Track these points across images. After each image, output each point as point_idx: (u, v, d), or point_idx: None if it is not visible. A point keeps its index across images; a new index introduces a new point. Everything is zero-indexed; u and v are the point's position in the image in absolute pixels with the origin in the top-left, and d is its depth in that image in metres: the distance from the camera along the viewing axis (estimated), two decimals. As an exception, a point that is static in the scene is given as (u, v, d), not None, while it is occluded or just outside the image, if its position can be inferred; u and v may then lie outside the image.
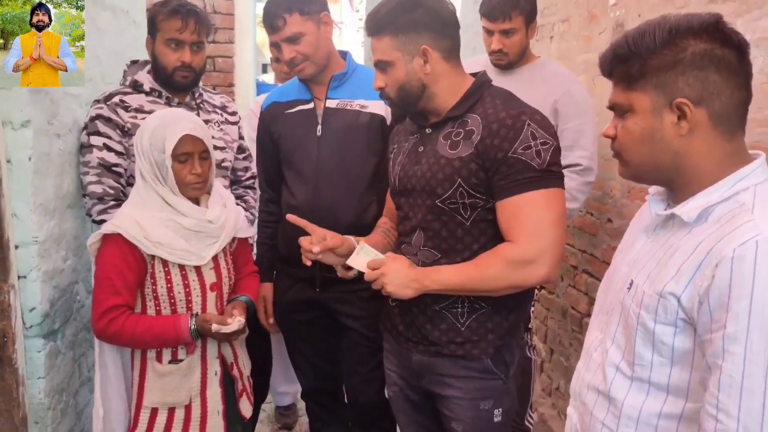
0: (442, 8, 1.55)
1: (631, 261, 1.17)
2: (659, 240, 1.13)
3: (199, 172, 1.74)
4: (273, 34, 1.93)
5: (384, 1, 1.56)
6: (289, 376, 3.07)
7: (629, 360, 1.11)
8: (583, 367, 1.25)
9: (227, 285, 1.87)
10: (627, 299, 1.12)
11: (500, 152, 1.46)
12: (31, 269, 1.82)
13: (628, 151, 1.13)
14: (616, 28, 2.58)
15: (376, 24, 1.55)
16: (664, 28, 1.04)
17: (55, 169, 1.94)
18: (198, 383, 1.81)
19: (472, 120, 1.54)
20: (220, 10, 4.28)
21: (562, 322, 3.14)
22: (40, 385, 1.86)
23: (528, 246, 1.46)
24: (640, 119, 1.08)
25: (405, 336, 1.69)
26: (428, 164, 1.58)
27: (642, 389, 1.10)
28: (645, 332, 1.07)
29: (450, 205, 1.55)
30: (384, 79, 1.58)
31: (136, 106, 2.07)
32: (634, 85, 1.08)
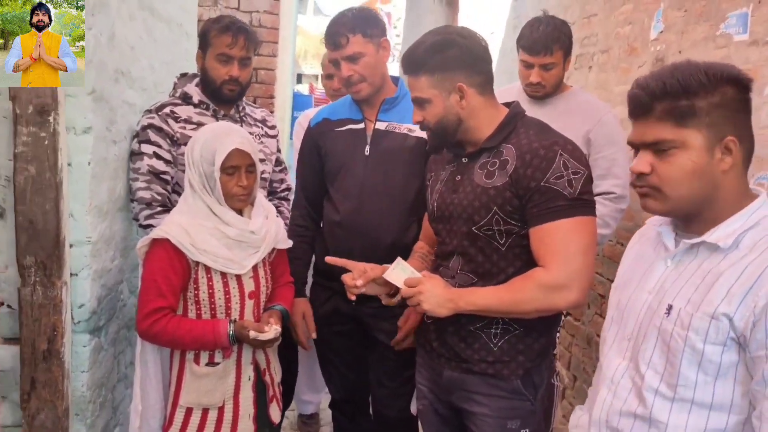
0: (475, 46, 1.63)
1: (654, 289, 1.22)
2: (687, 266, 1.18)
3: (245, 185, 1.82)
4: (334, 50, 2.01)
5: (419, 41, 1.64)
6: (313, 386, 3.13)
7: (670, 382, 1.16)
8: (610, 395, 1.28)
9: (264, 294, 1.95)
10: (667, 324, 1.17)
11: (533, 181, 1.52)
12: (83, 267, 1.92)
13: (674, 187, 1.16)
14: (655, 62, 2.61)
15: (413, 64, 1.63)
16: (707, 72, 1.12)
17: (109, 174, 2.05)
18: (232, 386, 1.88)
19: (506, 150, 1.60)
20: (266, 24, 4.41)
21: (586, 349, 3.15)
22: (83, 379, 1.96)
23: (559, 271, 1.52)
24: (694, 155, 1.13)
25: (438, 352, 1.75)
26: (465, 193, 1.64)
27: (684, 409, 1.15)
28: (692, 353, 1.13)
29: (486, 232, 1.61)
30: (422, 114, 1.66)
31: (185, 117, 2.17)
32: (686, 122, 1.13)
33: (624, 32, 2.93)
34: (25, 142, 1.76)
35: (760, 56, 1.96)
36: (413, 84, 1.64)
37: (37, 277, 1.82)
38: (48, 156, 1.78)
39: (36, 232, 1.80)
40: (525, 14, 4.43)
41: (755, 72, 1.98)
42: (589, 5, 3.36)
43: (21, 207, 1.79)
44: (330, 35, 2.01)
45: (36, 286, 1.82)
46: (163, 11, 2.62)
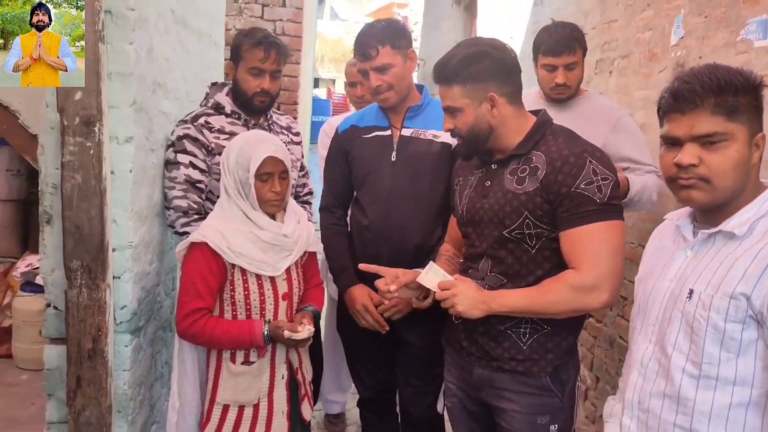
0: (506, 57, 1.70)
1: (675, 276, 1.32)
2: (706, 254, 1.29)
3: (279, 191, 1.90)
4: (364, 61, 2.09)
5: (452, 52, 1.71)
6: (339, 385, 3.21)
7: (695, 361, 1.25)
8: (640, 378, 1.37)
9: (297, 295, 2.03)
10: (689, 307, 1.26)
11: (564, 187, 1.60)
12: (125, 271, 2.01)
13: (723, 177, 1.23)
14: (676, 67, 2.65)
15: (446, 74, 1.69)
16: (742, 74, 1.24)
17: (148, 181, 2.14)
18: (266, 385, 1.96)
19: (536, 157, 1.67)
20: (289, 32, 4.51)
21: (609, 351, 3.18)
22: (124, 377, 2.05)
23: (590, 273, 1.59)
24: (740, 147, 1.23)
25: (468, 351, 1.81)
26: (496, 198, 1.71)
27: (710, 386, 1.24)
28: (715, 332, 1.22)
29: (517, 235, 1.68)
30: (453, 122, 1.73)
31: (219, 127, 2.25)
32: (735, 116, 1.22)
33: (644, 38, 2.97)
34: (72, 152, 1.86)
35: (781, 61, 2.00)
36: (446, 93, 1.71)
37: (82, 279, 1.91)
38: (93, 165, 1.87)
39: (82, 237, 1.89)
40: (545, 19, 4.48)
41: (775, 77, 2.02)
42: (609, 11, 3.40)
43: (68, 213, 1.88)
44: (360, 47, 2.09)
45: (82, 289, 1.91)
46: (194, 23, 2.72)
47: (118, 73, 1.92)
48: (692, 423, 1.26)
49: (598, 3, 3.57)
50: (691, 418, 1.26)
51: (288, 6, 4.49)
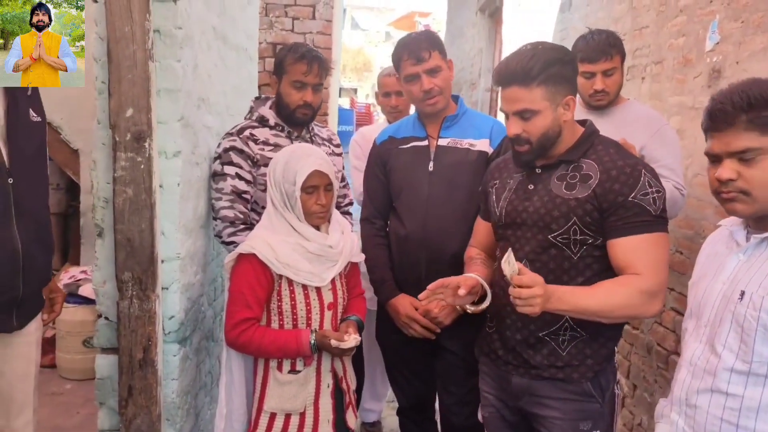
0: (576, 63, 1.76)
1: (728, 279, 1.36)
2: (758, 257, 1.33)
3: (324, 203, 1.94)
4: (417, 64, 2.11)
5: (530, 54, 1.67)
6: (375, 394, 3.23)
7: (745, 359, 1.29)
8: (689, 375, 1.41)
9: (341, 305, 2.06)
10: (740, 308, 1.30)
11: (620, 197, 1.62)
12: (173, 282, 2.06)
13: (761, 189, 1.28)
14: (712, 73, 2.65)
15: (528, 76, 1.65)
16: None
17: (194, 194, 2.20)
18: (312, 393, 1.99)
19: (587, 165, 1.69)
20: (319, 44, 4.57)
21: (646, 358, 3.16)
22: (173, 386, 2.09)
23: (654, 279, 1.62)
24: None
25: (504, 360, 1.82)
26: (542, 202, 1.72)
27: (759, 383, 1.29)
28: (765, 331, 1.26)
29: (562, 240, 1.69)
30: (523, 126, 1.69)
31: (263, 139, 2.30)
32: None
33: (677, 43, 2.97)
34: (124, 167, 1.91)
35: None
36: (523, 95, 1.66)
37: (133, 291, 1.96)
38: (144, 179, 1.92)
39: (133, 249, 1.94)
40: (573, 26, 4.49)
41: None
42: (641, 17, 3.40)
43: (120, 226, 1.94)
44: (412, 51, 2.12)
45: (133, 300, 1.97)
46: (233, 39, 2.78)
47: (167, 89, 1.98)
48: (739, 418, 1.30)
49: (628, 9, 3.58)
50: (739, 413, 1.30)
51: (318, 19, 4.56)
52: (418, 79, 2.12)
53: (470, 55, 8.02)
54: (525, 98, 1.66)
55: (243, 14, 3.00)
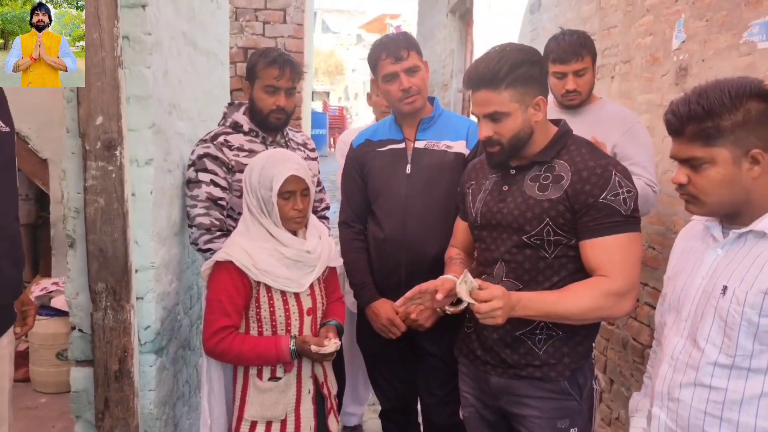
0: (545, 64, 1.76)
1: (707, 274, 1.38)
2: (737, 253, 1.34)
3: (301, 208, 1.93)
4: (395, 63, 2.12)
5: (498, 57, 1.67)
6: (356, 398, 3.22)
7: (729, 353, 1.31)
8: (670, 369, 1.43)
9: (320, 310, 2.05)
10: (723, 303, 1.32)
11: (591, 197, 1.63)
12: (148, 291, 2.03)
13: (708, 194, 1.35)
14: (679, 71, 2.70)
15: (495, 78, 1.65)
16: (729, 93, 1.29)
17: (167, 201, 2.17)
18: (293, 400, 1.98)
19: (559, 166, 1.70)
20: (291, 48, 4.56)
21: (622, 353, 3.21)
22: (150, 397, 2.06)
23: (623, 280, 1.62)
24: (721, 169, 1.31)
25: (483, 360, 1.83)
26: (516, 203, 1.73)
27: (741, 376, 1.31)
28: (749, 326, 1.28)
29: (536, 241, 1.70)
30: (494, 128, 1.70)
31: (238, 145, 2.28)
32: (713, 142, 1.30)
33: (645, 42, 3.02)
34: (95, 176, 1.88)
35: (785, 62, 2.04)
36: (492, 98, 1.66)
37: (108, 301, 1.93)
38: (116, 188, 1.90)
39: (106, 259, 1.91)
40: (542, 27, 4.54)
41: (781, 78, 2.06)
42: (609, 17, 3.45)
43: (92, 236, 1.90)
44: (391, 50, 2.13)
45: (107, 311, 1.93)
46: (203, 44, 2.76)
47: (137, 96, 1.95)
48: (723, 411, 1.32)
49: (596, 10, 3.63)
50: (722, 406, 1.32)
51: (289, 23, 4.54)
52: (396, 78, 2.13)
53: (442, 56, 8.06)
54: (494, 101, 1.67)
55: (213, 19, 2.97)
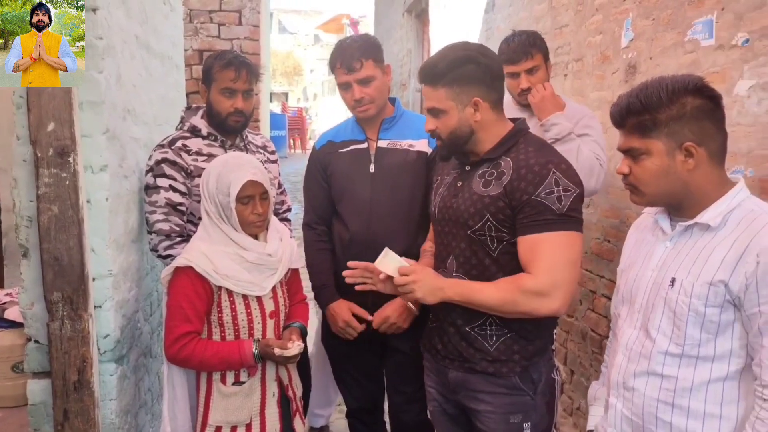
0: (493, 64, 1.74)
1: (657, 266, 1.43)
2: (684, 245, 1.40)
3: (260, 212, 1.92)
4: (348, 74, 2.12)
5: (441, 54, 1.73)
6: (325, 399, 3.22)
7: (678, 342, 1.37)
8: (625, 359, 1.47)
9: (283, 312, 2.04)
10: (672, 294, 1.37)
11: (525, 194, 1.64)
12: (106, 299, 2.00)
13: (645, 184, 1.41)
14: (628, 69, 2.78)
15: (434, 75, 1.71)
16: (667, 89, 1.35)
17: (123, 207, 2.14)
18: (258, 403, 1.97)
19: (504, 163, 1.72)
20: (247, 50, 4.52)
21: (582, 344, 3.29)
22: (111, 407, 2.03)
23: (543, 279, 1.62)
24: (656, 160, 1.37)
25: (442, 354, 1.86)
26: (463, 199, 1.76)
27: (691, 363, 1.36)
28: (696, 316, 1.34)
29: (480, 236, 1.73)
30: (435, 123, 1.75)
31: (196, 149, 2.26)
32: (649, 134, 1.37)
33: (595, 41, 3.10)
34: (48, 183, 1.84)
35: (727, 59, 2.12)
36: (430, 94, 1.73)
37: (64, 311, 1.89)
38: (69, 195, 1.86)
39: (62, 268, 1.88)
40: (497, 26, 4.61)
41: (723, 74, 2.15)
42: (560, 16, 3.53)
43: (46, 245, 1.86)
44: (344, 59, 2.12)
45: (64, 320, 1.90)
46: (156, 47, 2.72)
47: (90, 102, 1.92)
48: (674, 398, 1.37)
49: (548, 9, 3.70)
50: (674, 393, 1.37)
51: (244, 24, 4.50)
52: (350, 88, 2.14)
53: (399, 56, 8.10)
54: (432, 97, 1.72)
55: (166, 22, 2.93)
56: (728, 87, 2.09)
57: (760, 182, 1.96)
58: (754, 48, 2.02)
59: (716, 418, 1.34)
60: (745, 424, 1.30)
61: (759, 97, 1.99)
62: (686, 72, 2.21)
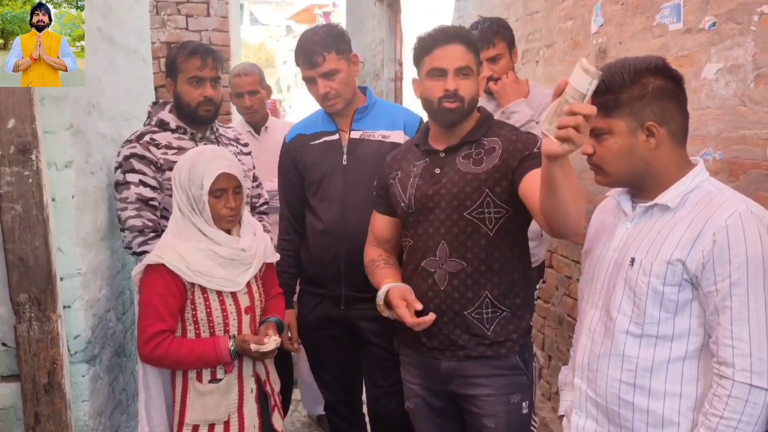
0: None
1: (618, 247, 1.44)
2: (644, 225, 1.41)
3: (233, 206, 1.89)
4: (310, 69, 2.08)
5: (473, 25, 1.83)
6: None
7: (638, 321, 1.38)
8: (588, 341, 1.49)
9: (259, 307, 2.02)
10: (632, 274, 1.39)
11: (525, 151, 1.73)
12: (75, 299, 1.95)
13: (608, 164, 1.41)
14: (599, 54, 2.79)
15: (470, 38, 1.79)
16: (629, 69, 1.36)
17: (91, 205, 2.09)
18: (235, 400, 1.94)
19: (489, 142, 1.78)
20: (216, 42, 4.44)
21: (558, 329, 3.31)
22: (84, 408, 1.99)
23: None
24: (619, 139, 1.39)
25: (429, 346, 1.84)
26: (452, 182, 1.77)
27: (650, 343, 1.37)
28: (654, 294, 1.35)
29: (477, 216, 1.74)
30: (462, 83, 1.74)
31: (165, 143, 2.21)
32: (611, 113, 1.37)
33: (566, 27, 3.10)
34: (9, 182, 1.79)
35: (695, 43, 2.14)
36: (465, 55, 1.75)
37: (32, 312, 1.85)
38: (33, 193, 1.81)
39: (28, 268, 1.83)
40: (468, 14, 4.59)
41: (691, 58, 2.16)
42: (531, 3, 3.53)
43: (10, 245, 1.81)
44: (306, 54, 2.08)
45: (32, 322, 1.85)
46: (121, 40, 2.65)
47: (52, 97, 1.87)
48: (636, 378, 1.38)
49: (519, -4, 3.70)
50: (635, 374, 1.38)
51: (213, 15, 4.42)
52: (315, 83, 2.10)
53: (372, 46, 8.05)
54: (465, 58, 1.75)
55: (131, 14, 2.86)
56: (696, 70, 2.11)
57: (729, 164, 1.98)
58: (720, 31, 2.03)
59: (677, 396, 1.36)
60: (704, 401, 1.32)
61: (726, 80, 2.00)
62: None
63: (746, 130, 1.89)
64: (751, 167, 1.88)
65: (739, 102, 1.94)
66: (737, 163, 1.93)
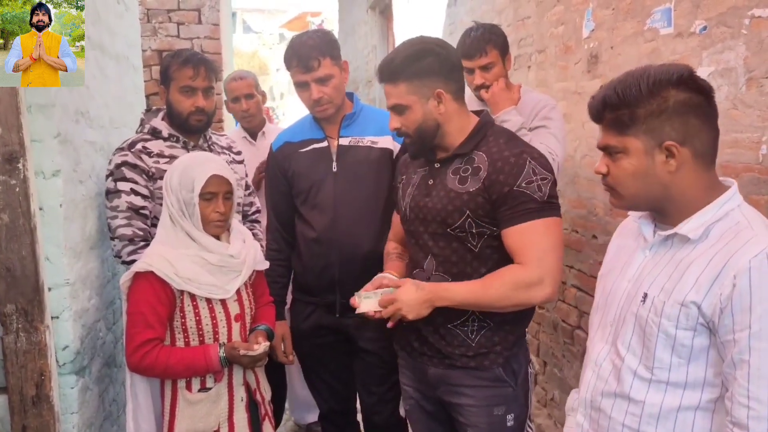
0: (450, 55, 1.73)
1: (633, 277, 1.32)
2: (662, 257, 1.27)
3: (223, 211, 1.87)
4: (305, 73, 2.06)
5: (396, 51, 1.73)
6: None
7: (647, 364, 1.25)
8: (593, 376, 1.37)
9: (249, 315, 1.99)
10: (642, 311, 1.26)
11: (506, 186, 1.64)
12: (64, 309, 1.93)
13: (622, 186, 1.28)
14: (590, 58, 2.79)
15: (392, 72, 1.70)
16: (648, 81, 1.21)
17: (79, 214, 2.06)
18: (225, 409, 1.92)
19: (478, 157, 1.71)
20: (207, 50, 4.43)
21: (553, 335, 3.30)
22: (73, 420, 1.96)
23: (534, 269, 1.62)
24: (634, 159, 1.24)
25: (420, 351, 1.83)
26: (439, 197, 1.74)
27: (660, 389, 1.24)
28: (666, 338, 1.22)
29: (459, 234, 1.71)
30: (400, 120, 1.73)
31: (157, 151, 2.19)
32: (626, 131, 1.24)
33: (558, 32, 3.10)
34: (-4, 191, 1.76)
35: (686, 47, 2.14)
36: (391, 91, 1.71)
37: (19, 323, 1.82)
38: (20, 202, 1.78)
39: (14, 279, 1.80)
40: (460, 20, 4.60)
41: (683, 62, 2.15)
42: (522, 8, 3.53)
43: (-3, 256, 1.79)
44: (301, 59, 2.06)
45: (19, 333, 1.82)
46: (111, 48, 2.63)
47: (39, 105, 1.84)
48: (640, 424, 1.26)
49: (510, 1, 3.70)
50: (640, 419, 1.26)
51: (204, 23, 4.41)
52: (307, 87, 2.09)
53: (364, 53, 8.06)
54: (393, 94, 1.71)
55: (121, 22, 2.85)
56: (688, 74, 2.10)
57: (721, 168, 1.98)
58: (711, 35, 2.03)
59: None
60: None
61: (717, 83, 2.00)
62: (647, 61, 2.22)
63: (738, 133, 1.88)
64: (744, 171, 1.87)
65: (731, 105, 1.93)
66: (730, 166, 1.92)
